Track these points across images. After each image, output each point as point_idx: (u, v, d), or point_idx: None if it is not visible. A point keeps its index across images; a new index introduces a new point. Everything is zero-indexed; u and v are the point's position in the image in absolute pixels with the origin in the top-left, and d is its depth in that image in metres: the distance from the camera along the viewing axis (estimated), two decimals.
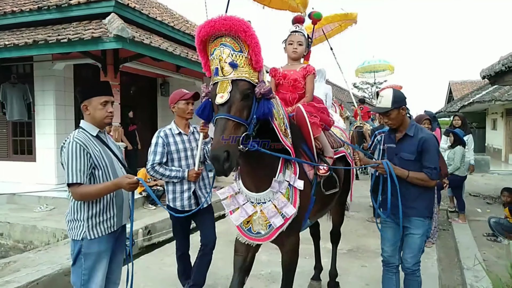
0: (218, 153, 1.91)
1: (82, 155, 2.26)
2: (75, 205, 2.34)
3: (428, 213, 2.94)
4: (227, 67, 1.99)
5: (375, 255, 5.00)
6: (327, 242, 4.80)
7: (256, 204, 2.47)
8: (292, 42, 3.03)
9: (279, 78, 3.02)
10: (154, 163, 3.21)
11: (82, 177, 2.25)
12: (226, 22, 1.93)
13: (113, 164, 2.45)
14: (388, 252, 3.01)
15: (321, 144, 2.87)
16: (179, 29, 8.78)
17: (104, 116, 2.43)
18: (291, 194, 2.47)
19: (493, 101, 14.34)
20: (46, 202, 6.82)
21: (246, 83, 2.03)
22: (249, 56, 2.01)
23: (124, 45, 5.83)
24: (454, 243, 5.64)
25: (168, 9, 11.33)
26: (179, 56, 7.32)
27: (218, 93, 2.00)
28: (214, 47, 2.01)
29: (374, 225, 6.37)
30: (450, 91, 29.67)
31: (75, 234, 2.34)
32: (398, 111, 2.82)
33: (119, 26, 5.59)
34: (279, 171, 2.42)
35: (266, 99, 2.11)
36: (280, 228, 2.44)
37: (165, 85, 11.09)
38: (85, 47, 6.14)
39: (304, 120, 2.70)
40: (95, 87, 2.49)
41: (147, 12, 7.57)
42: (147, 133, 11.14)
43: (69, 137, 2.34)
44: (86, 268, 2.33)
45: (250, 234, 2.54)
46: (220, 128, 1.97)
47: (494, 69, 5.92)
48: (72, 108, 8.42)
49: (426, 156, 2.79)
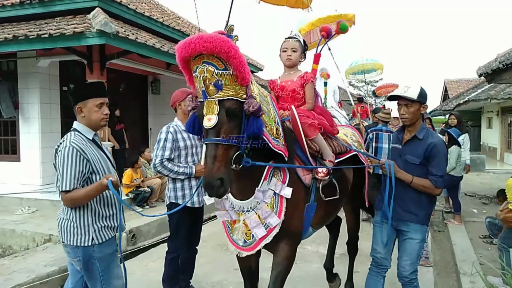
0: (211, 182, 1.89)
1: (79, 161, 2.20)
2: (77, 211, 2.27)
3: (427, 220, 2.83)
4: (211, 88, 1.92)
5: (368, 259, 4.75)
6: (319, 246, 4.65)
7: (241, 213, 2.39)
8: (286, 49, 2.92)
9: (277, 91, 2.94)
10: (163, 159, 3.19)
11: (75, 184, 2.19)
12: (207, 44, 1.83)
13: (109, 167, 2.42)
14: (381, 253, 2.86)
15: (319, 146, 2.73)
16: (168, 25, 8.53)
17: (100, 119, 2.37)
18: (276, 203, 2.36)
19: (488, 100, 14.27)
20: (28, 204, 6.58)
21: (233, 101, 1.97)
22: (234, 73, 1.93)
23: (107, 41, 5.58)
24: (450, 246, 5.50)
25: (159, 5, 11.07)
26: (167, 52, 7.08)
27: (206, 115, 1.95)
28: (196, 65, 1.93)
29: (369, 230, 6.23)
30: (445, 89, 29.68)
31: (81, 240, 2.27)
32: (419, 107, 2.69)
33: (102, 20, 5.35)
34: (263, 179, 2.34)
35: (255, 117, 2.04)
36: (263, 239, 2.35)
37: (156, 83, 10.85)
38: (67, 42, 5.89)
39: (295, 121, 2.60)
40: (90, 88, 2.45)
41: (134, 6, 7.32)
42: (137, 132, 10.94)
43: (65, 140, 2.26)
44: (103, 270, 2.33)
45: (235, 241, 2.48)
46: (210, 154, 1.93)
47: (491, 67, 5.75)
48: (58, 106, 8.18)
49: (434, 163, 2.64)
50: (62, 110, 8.29)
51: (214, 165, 1.91)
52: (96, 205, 2.32)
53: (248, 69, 1.98)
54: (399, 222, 2.79)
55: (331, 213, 3.01)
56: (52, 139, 7.98)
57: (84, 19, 6.23)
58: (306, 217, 2.56)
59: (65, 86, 8.40)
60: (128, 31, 6.29)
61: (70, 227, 2.29)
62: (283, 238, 2.41)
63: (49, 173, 7.65)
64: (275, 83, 2.99)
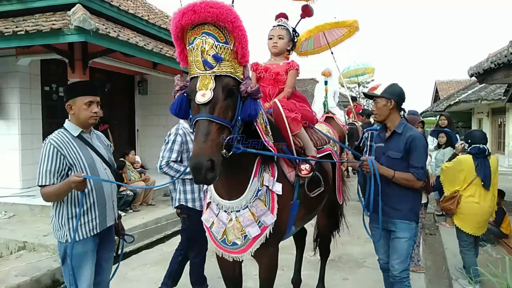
0: (200, 161, 1.67)
1: (54, 157, 2.26)
2: (56, 208, 2.36)
3: (414, 216, 2.80)
4: (209, 60, 1.75)
5: (358, 265, 4.67)
6: (307, 251, 4.46)
7: (230, 212, 2.21)
8: (272, 37, 2.86)
9: (261, 72, 2.85)
10: (169, 160, 3.19)
11: (51, 179, 2.25)
12: (213, 10, 1.67)
13: (94, 164, 2.39)
14: (384, 259, 2.94)
15: (302, 141, 2.63)
16: (154, 23, 8.29)
17: (89, 117, 2.39)
18: (268, 201, 2.22)
19: (479, 101, 14.29)
20: (5, 208, 6.29)
21: (231, 79, 1.81)
22: (234, 48, 1.79)
23: (87, 38, 5.34)
24: (442, 249, 5.37)
25: (146, 3, 10.83)
26: (152, 51, 6.85)
27: (199, 90, 1.76)
28: (195, 36, 1.76)
29: (359, 232, 6.06)
30: (436, 91, 29.80)
31: (60, 236, 2.36)
32: (386, 102, 2.75)
33: (81, 17, 5.10)
34: (253, 175, 2.17)
35: (252, 99, 1.90)
36: (257, 238, 2.19)
37: (143, 83, 10.60)
38: (45, 40, 5.63)
39: (281, 116, 2.45)
40: (80, 86, 2.47)
41: (117, 3, 7.07)
42: (124, 132, 10.68)
43: (47, 138, 2.34)
44: (74, 267, 2.34)
45: (225, 246, 2.28)
46: (202, 131, 1.73)
47: (483, 67, 5.64)
48: (39, 106, 7.90)
49: (413, 155, 2.68)
50: (44, 111, 8.02)
51: (206, 144, 1.70)
52: (68, 204, 2.34)
53: (248, 47, 1.83)
54: (388, 222, 2.80)
55: (314, 209, 2.92)
56: (32, 140, 7.70)
57: (64, 15, 6.00)
58: (290, 216, 2.45)
59: (47, 86, 8.12)
60: (110, 28, 6.05)
61: (53, 222, 2.41)
62: (268, 239, 2.25)
63: (29, 176, 7.37)
64: (258, 64, 2.90)
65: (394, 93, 2.76)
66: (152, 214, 6.04)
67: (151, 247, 5.40)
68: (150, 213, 6.12)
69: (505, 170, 13.45)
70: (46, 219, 5.85)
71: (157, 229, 5.80)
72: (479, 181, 3.77)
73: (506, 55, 4.99)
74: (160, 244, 5.52)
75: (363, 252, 5.04)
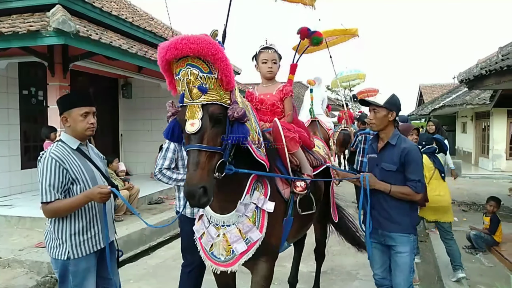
0: (193, 190, 1.78)
1: (58, 171, 2.21)
2: (55, 224, 2.29)
3: (412, 228, 2.77)
4: (195, 91, 1.84)
5: (351, 277, 4.54)
6: (299, 264, 4.31)
7: (220, 227, 2.28)
8: (266, 61, 2.88)
9: (256, 104, 2.92)
10: (162, 167, 3.19)
11: (55, 194, 2.20)
12: (193, 46, 1.76)
13: (94, 177, 2.39)
14: (379, 274, 2.87)
15: (299, 160, 2.73)
16: (139, 26, 8.06)
17: (86, 128, 2.34)
18: (257, 218, 2.29)
19: (464, 105, 14.47)
20: None
21: (218, 106, 1.89)
22: (219, 77, 1.87)
23: (67, 41, 5.07)
24: (433, 258, 5.29)
25: (131, 5, 10.56)
26: (136, 54, 6.61)
27: (188, 120, 1.86)
28: (180, 67, 1.85)
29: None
30: (420, 94, 30.26)
31: (58, 253, 2.28)
32: (387, 113, 2.69)
33: (60, 18, 4.84)
34: (246, 192, 2.26)
35: (240, 123, 1.97)
36: (244, 254, 2.26)
37: (127, 87, 10.33)
38: (22, 42, 5.33)
39: (279, 134, 2.55)
40: (75, 97, 2.43)
41: (100, 5, 6.81)
42: (107, 137, 10.36)
43: (47, 151, 2.28)
44: (76, 285, 2.30)
45: (213, 258, 2.36)
46: (193, 161, 1.83)
47: (473, 73, 5.61)
48: (17, 111, 7.58)
49: (410, 168, 2.62)
50: (22, 116, 7.69)
51: (197, 173, 1.81)
52: (77, 219, 2.29)
53: (233, 74, 1.92)
54: (385, 236, 2.74)
55: (305, 226, 3.01)
56: (9, 146, 7.37)
57: (43, 17, 5.70)
58: (284, 232, 2.53)
59: (26, 89, 7.80)
60: (92, 30, 5.78)
61: (49, 239, 2.33)
62: (262, 254, 2.32)
63: (4, 185, 7.03)
64: (253, 95, 2.95)
65: (395, 105, 2.72)
66: (136, 225, 5.78)
67: (135, 260, 5.15)
68: (134, 223, 5.86)
69: (489, 174, 13.66)
70: (23, 231, 5.55)
71: (141, 240, 5.55)
72: (438, 175, 4.34)
73: (496, 61, 4.96)
74: (145, 257, 5.27)
75: (355, 263, 4.92)
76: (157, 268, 4.68)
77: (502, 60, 4.88)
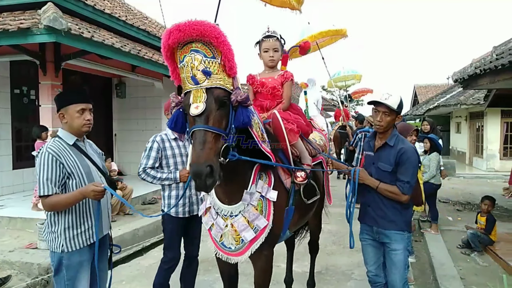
0: (200, 168, 1.78)
1: (54, 166, 2.26)
2: (51, 217, 2.35)
3: (406, 226, 2.79)
4: (199, 75, 1.88)
5: (346, 278, 4.51)
6: (294, 263, 4.28)
7: (228, 217, 2.34)
8: (267, 50, 2.90)
9: (257, 86, 2.94)
10: (146, 167, 3.20)
11: (53, 188, 2.25)
12: (197, 27, 1.80)
13: (90, 173, 2.43)
14: (372, 271, 2.89)
15: (299, 151, 2.80)
16: (132, 24, 7.97)
17: (82, 124, 2.39)
18: (264, 207, 2.35)
19: (458, 105, 14.52)
20: None
21: (221, 90, 1.94)
22: (222, 62, 1.91)
23: (58, 38, 4.99)
24: (428, 258, 5.27)
25: (125, 4, 10.47)
26: (129, 53, 6.53)
27: (193, 103, 1.90)
28: (184, 54, 1.89)
29: (346, 240, 5.91)
30: (415, 94, 30.38)
31: (54, 246, 2.34)
32: (396, 116, 2.70)
33: (51, 15, 4.76)
34: (251, 182, 2.31)
35: (243, 107, 2.02)
36: (253, 242, 2.32)
37: (121, 86, 10.21)
38: (12, 40, 5.24)
39: (280, 127, 2.61)
40: (72, 94, 2.47)
41: (93, 3, 6.73)
42: (101, 137, 10.24)
43: (44, 146, 2.34)
44: (69, 279, 2.34)
45: (224, 248, 2.43)
46: (199, 141, 1.85)
47: (467, 72, 5.60)
48: (8, 110, 7.49)
49: (401, 169, 2.65)
50: (14, 115, 7.59)
51: (203, 151, 1.81)
52: (70, 213, 2.34)
53: (235, 60, 1.94)
54: (380, 234, 2.77)
55: (306, 215, 3.06)
56: (0, 146, 7.25)
57: (34, 14, 5.62)
58: (285, 220, 2.58)
59: (17, 88, 7.69)
60: (84, 28, 5.70)
61: (46, 232, 2.39)
62: (264, 242, 2.37)
63: None
64: (254, 78, 2.96)
65: (402, 109, 2.72)
66: (129, 225, 5.72)
67: (128, 261, 5.08)
68: (127, 223, 5.80)
69: (483, 174, 13.72)
70: (14, 232, 5.46)
71: (134, 240, 5.48)
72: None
73: (491, 60, 4.95)
74: (138, 258, 5.20)
75: (350, 263, 4.89)
76: (150, 269, 4.60)
77: (496, 59, 4.88)
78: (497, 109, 13.66)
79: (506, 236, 5.61)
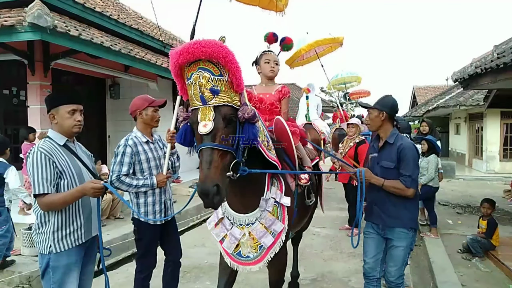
0: (207, 188, 1.82)
1: (48, 164, 2.25)
2: (40, 218, 2.34)
3: (413, 223, 2.88)
4: (207, 93, 1.90)
5: (343, 285, 4.32)
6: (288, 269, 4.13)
7: (245, 226, 2.39)
8: (268, 61, 3.08)
9: (256, 103, 3.02)
10: (120, 174, 2.98)
11: (48, 187, 2.24)
12: (205, 49, 1.83)
13: (81, 174, 2.43)
14: (369, 264, 2.94)
15: (300, 154, 2.91)
16: (124, 23, 7.80)
17: (72, 125, 2.39)
18: (279, 212, 2.43)
19: (457, 106, 14.40)
20: None
21: (229, 108, 1.96)
22: (229, 79, 1.94)
23: (43, 36, 4.81)
24: (428, 263, 5.10)
25: (119, 3, 10.31)
26: (120, 52, 6.35)
27: (201, 121, 1.92)
28: (192, 72, 1.92)
29: (343, 245, 5.74)
30: (414, 96, 30.28)
31: (42, 248, 2.32)
32: (378, 113, 2.85)
33: (35, 12, 4.58)
34: (266, 189, 2.39)
35: (250, 123, 2.04)
36: (272, 247, 2.40)
37: (114, 87, 10.04)
38: None
39: (285, 129, 2.69)
40: (62, 95, 2.47)
41: (82, 1, 6.55)
42: (94, 139, 10.05)
43: (34, 147, 2.33)
44: (55, 282, 2.30)
45: (239, 258, 2.46)
46: (206, 160, 1.88)
47: (468, 72, 5.45)
48: None
49: (403, 164, 2.76)
50: (3, 116, 7.42)
51: (210, 171, 1.85)
52: (60, 213, 2.31)
53: (242, 76, 1.97)
54: (385, 230, 2.85)
55: (306, 215, 3.20)
56: None
57: (21, 12, 5.44)
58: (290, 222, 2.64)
59: (6, 89, 7.51)
60: (71, 26, 5.52)
61: (35, 234, 2.37)
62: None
63: None
64: (252, 94, 3.03)
65: (387, 105, 2.86)
66: (118, 230, 5.52)
67: (116, 268, 4.89)
68: (116, 228, 5.60)
69: (483, 176, 13.57)
70: None
71: (124, 246, 5.28)
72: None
73: (492, 59, 4.79)
74: (126, 264, 5.00)
75: (347, 270, 4.71)
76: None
77: (498, 58, 4.72)
78: (496, 110, 13.54)
79: (507, 240, 5.45)
